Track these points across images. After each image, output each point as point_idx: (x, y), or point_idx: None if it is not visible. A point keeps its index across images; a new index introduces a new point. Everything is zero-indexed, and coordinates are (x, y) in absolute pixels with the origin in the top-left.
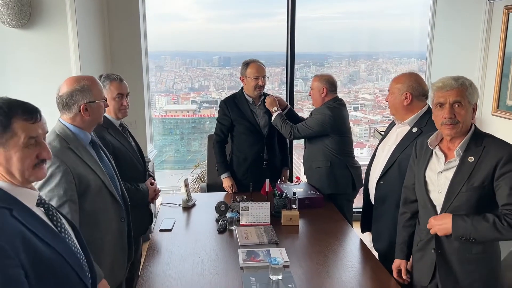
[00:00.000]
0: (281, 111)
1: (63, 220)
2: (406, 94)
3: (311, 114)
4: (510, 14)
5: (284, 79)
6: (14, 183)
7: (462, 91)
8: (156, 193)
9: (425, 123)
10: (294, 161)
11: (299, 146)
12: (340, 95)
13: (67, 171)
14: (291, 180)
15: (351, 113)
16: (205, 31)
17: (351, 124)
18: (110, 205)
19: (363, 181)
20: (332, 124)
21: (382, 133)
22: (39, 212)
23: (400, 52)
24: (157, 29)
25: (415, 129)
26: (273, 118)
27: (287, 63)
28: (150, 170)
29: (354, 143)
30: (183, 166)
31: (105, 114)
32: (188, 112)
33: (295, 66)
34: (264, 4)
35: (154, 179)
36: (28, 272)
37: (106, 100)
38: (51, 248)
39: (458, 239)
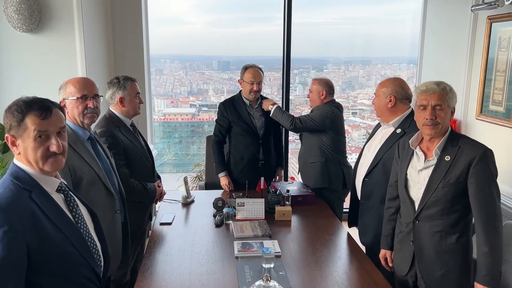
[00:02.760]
0: (279, 105)
1: (80, 208)
2: (391, 97)
3: (312, 111)
4: (493, 23)
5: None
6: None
7: (443, 95)
8: (162, 195)
9: (408, 125)
10: (289, 162)
11: (295, 150)
12: (338, 100)
13: None
14: (286, 180)
15: (350, 118)
16: (205, 35)
17: (349, 128)
18: (105, 197)
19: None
20: (332, 120)
21: None
22: (58, 197)
23: (392, 58)
24: (157, 33)
25: (399, 130)
26: (272, 111)
27: (283, 68)
28: None
29: (352, 148)
30: (181, 169)
31: (117, 114)
32: (187, 115)
33: (295, 71)
34: (264, 8)
35: (161, 181)
36: (32, 250)
37: (81, 98)
38: (61, 233)
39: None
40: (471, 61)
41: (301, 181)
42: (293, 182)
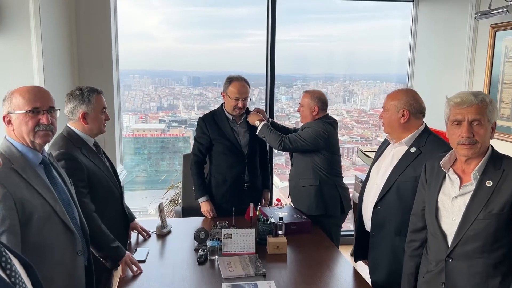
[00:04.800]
0: (266, 122)
1: (17, 268)
2: (403, 111)
3: (302, 128)
4: (497, 32)
5: (254, 99)
6: None
7: (482, 109)
8: (132, 262)
9: (424, 143)
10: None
11: (278, 166)
12: None
13: (6, 195)
14: (271, 203)
15: None
16: (175, 51)
17: None
18: (63, 236)
19: (357, 205)
20: (326, 139)
21: (366, 153)
22: None
23: (378, 75)
24: (125, 47)
25: (413, 149)
26: (258, 129)
27: (266, 84)
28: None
29: None
30: (150, 186)
31: (77, 131)
32: (156, 131)
33: (262, 88)
34: (234, 25)
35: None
36: None
37: (31, 112)
38: None
39: None
40: (471, 75)
41: (291, 205)
42: (283, 207)
